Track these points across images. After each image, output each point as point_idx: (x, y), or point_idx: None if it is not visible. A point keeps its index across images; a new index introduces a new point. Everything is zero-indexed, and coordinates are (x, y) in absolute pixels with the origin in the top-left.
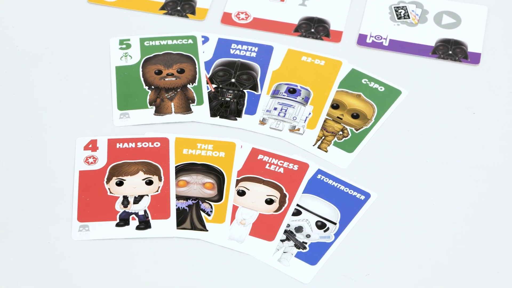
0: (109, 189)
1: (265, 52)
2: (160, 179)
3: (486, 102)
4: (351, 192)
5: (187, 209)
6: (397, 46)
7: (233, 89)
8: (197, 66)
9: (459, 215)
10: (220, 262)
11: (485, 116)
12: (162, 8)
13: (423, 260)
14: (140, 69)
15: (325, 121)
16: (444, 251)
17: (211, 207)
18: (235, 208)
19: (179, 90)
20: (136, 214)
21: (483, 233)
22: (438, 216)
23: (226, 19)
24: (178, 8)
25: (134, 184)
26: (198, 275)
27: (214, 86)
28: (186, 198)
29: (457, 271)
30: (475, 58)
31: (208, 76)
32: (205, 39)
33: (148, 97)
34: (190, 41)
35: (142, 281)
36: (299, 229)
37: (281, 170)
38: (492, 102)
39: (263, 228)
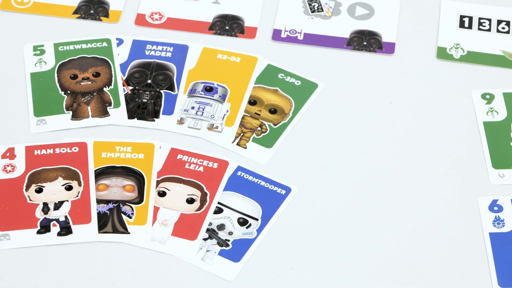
0: (28, 196)
1: (180, 51)
2: (79, 184)
3: (402, 91)
4: (271, 187)
5: (108, 212)
6: (312, 39)
7: (149, 90)
8: (112, 69)
9: (379, 205)
10: (143, 264)
11: (402, 105)
12: (75, 12)
13: (346, 251)
14: (55, 75)
15: (243, 117)
16: (365, 241)
17: (132, 210)
18: (156, 209)
19: (95, 93)
20: (57, 220)
21: (403, 221)
22: (359, 206)
23: (140, 20)
24: (91, 11)
25: (54, 190)
26: (122, 278)
27: (130, 88)
28: (107, 201)
29: (379, 260)
30: (389, 48)
31: (124, 78)
32: (120, 42)
33: (64, 102)
34: (104, 44)
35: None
36: (221, 227)
37: (201, 169)
38: (407, 90)
39: (185, 227)
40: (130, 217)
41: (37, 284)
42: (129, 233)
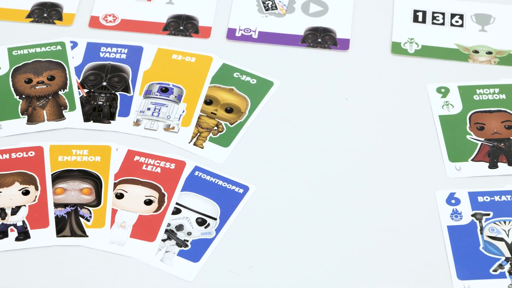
0: None
1: (135, 53)
2: (36, 188)
3: (357, 87)
4: (229, 186)
5: (66, 216)
6: (266, 37)
7: (105, 93)
8: (67, 72)
9: (337, 201)
10: (102, 266)
11: (357, 100)
12: (28, 16)
13: (304, 248)
14: (10, 79)
15: (199, 117)
16: (323, 237)
17: (90, 213)
18: (114, 212)
19: (50, 97)
20: (15, 225)
21: (361, 216)
22: (317, 203)
23: (94, 22)
24: (45, 15)
25: (11, 195)
26: (81, 281)
27: (85, 90)
28: (64, 205)
29: (337, 256)
30: (344, 44)
31: (79, 81)
32: (74, 44)
33: (19, 107)
34: (58, 47)
35: None
36: (179, 227)
37: (158, 170)
38: (363, 86)
39: (144, 229)
40: (88, 220)
41: None
42: (87, 236)
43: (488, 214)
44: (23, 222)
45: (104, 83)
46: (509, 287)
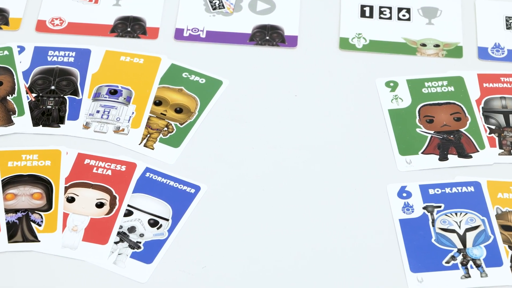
0: None
1: (83, 56)
2: None
3: (306, 84)
4: (180, 186)
5: (17, 222)
6: (214, 37)
7: (53, 96)
8: (15, 77)
9: (289, 198)
10: (55, 271)
11: (307, 97)
12: None
13: (257, 247)
14: None
15: (149, 118)
16: (276, 235)
17: (42, 217)
18: (66, 216)
19: None
20: None
21: (314, 213)
22: (269, 201)
23: (41, 26)
24: None
25: None
26: (34, 287)
27: (34, 95)
28: (15, 211)
29: (290, 254)
30: (292, 41)
31: (27, 86)
32: (21, 49)
33: None
34: (6, 52)
35: None
36: (132, 229)
37: (109, 172)
38: (312, 83)
39: (96, 232)
40: (40, 225)
41: None
42: (39, 241)
43: (440, 206)
44: None
45: (53, 87)
46: (462, 278)
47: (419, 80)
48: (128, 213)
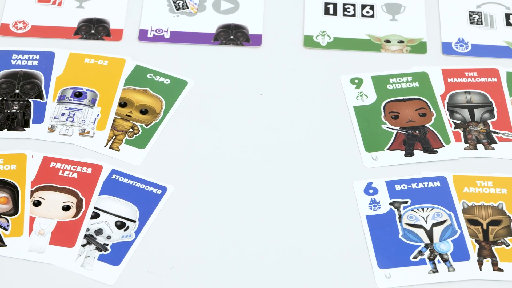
0: None
1: (47, 59)
2: None
3: (271, 82)
4: (147, 188)
5: None
6: (178, 37)
7: (18, 100)
8: None
9: (256, 197)
10: (22, 275)
11: (272, 95)
12: None
13: (225, 246)
14: None
15: (114, 120)
16: (243, 234)
17: (8, 222)
18: (32, 219)
19: None
20: None
21: (281, 211)
22: (236, 200)
23: (4, 30)
24: None
25: None
26: None
27: None
28: None
29: (258, 253)
30: (256, 40)
31: None
32: None
33: None
34: None
35: None
36: (99, 231)
37: (75, 175)
38: (277, 81)
39: (63, 235)
40: (6, 229)
41: None
42: (5, 245)
43: (406, 202)
44: None
45: (17, 91)
46: (430, 273)
47: (383, 76)
48: (95, 216)
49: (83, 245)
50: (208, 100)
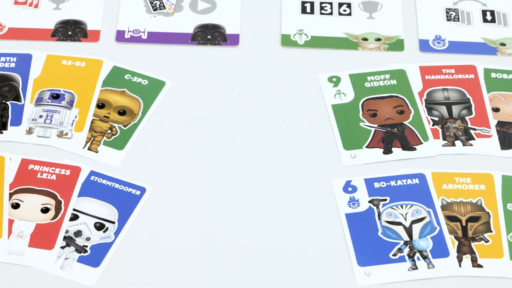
0: None
1: (24, 61)
2: None
3: (249, 82)
4: (126, 189)
5: None
6: (156, 37)
7: None
8: None
9: (235, 197)
10: (2, 278)
11: (250, 95)
12: None
13: (204, 246)
14: None
15: (92, 121)
16: (223, 234)
17: None
18: (11, 222)
19: None
20: None
21: (260, 211)
22: (215, 200)
23: None
24: None
25: None
26: None
27: None
28: None
29: (238, 253)
30: (234, 40)
31: None
32: None
33: None
34: None
35: None
36: (78, 233)
37: (54, 177)
38: (255, 80)
39: (42, 237)
40: None
41: None
42: None
43: (385, 200)
44: None
45: None
46: (409, 270)
47: (361, 74)
48: (74, 217)
49: (63, 247)
50: (186, 100)
